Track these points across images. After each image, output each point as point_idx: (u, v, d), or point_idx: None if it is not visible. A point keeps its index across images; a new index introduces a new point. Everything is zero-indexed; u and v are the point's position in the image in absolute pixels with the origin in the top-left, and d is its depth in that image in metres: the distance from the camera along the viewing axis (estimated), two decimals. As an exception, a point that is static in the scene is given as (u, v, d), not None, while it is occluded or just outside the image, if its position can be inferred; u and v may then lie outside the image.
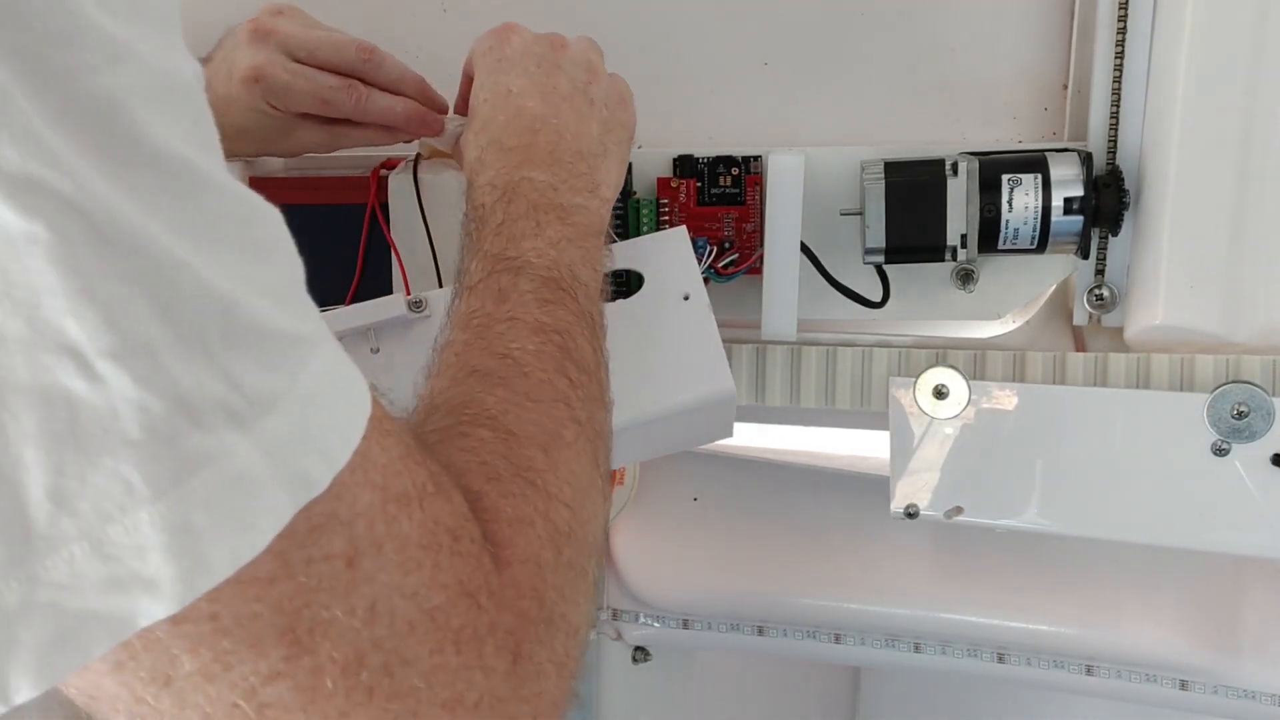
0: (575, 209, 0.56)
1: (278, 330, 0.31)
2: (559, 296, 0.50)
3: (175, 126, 0.29)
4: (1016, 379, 0.75)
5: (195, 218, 0.29)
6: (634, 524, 0.98)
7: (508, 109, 0.58)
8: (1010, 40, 0.76)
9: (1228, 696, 0.86)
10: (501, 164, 0.56)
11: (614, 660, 1.04)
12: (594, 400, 0.48)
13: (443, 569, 0.35)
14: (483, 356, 0.47)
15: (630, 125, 0.64)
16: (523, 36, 0.61)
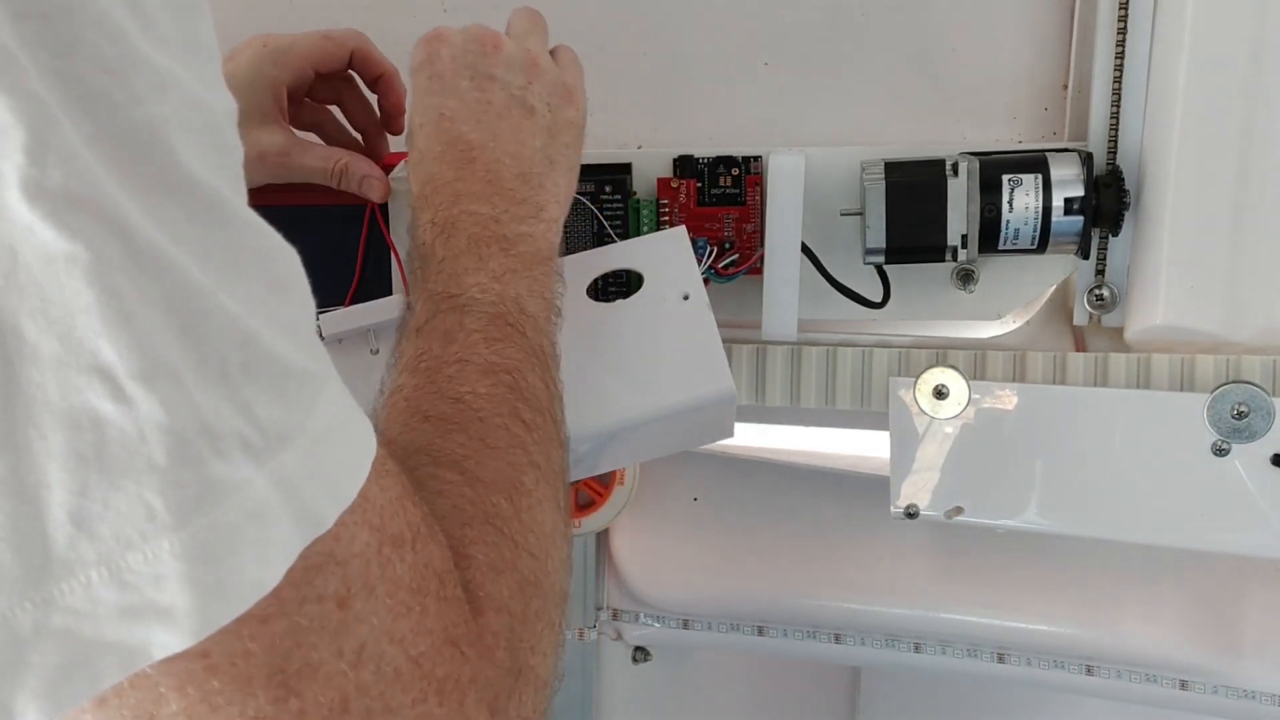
0: (519, 238, 0.54)
1: (292, 366, 0.31)
2: (506, 333, 0.49)
3: (208, 158, 0.30)
4: (1017, 379, 0.75)
5: (222, 249, 0.29)
6: (634, 524, 0.98)
7: (442, 137, 0.56)
8: (1010, 40, 0.76)
9: (1228, 696, 0.86)
10: (440, 199, 0.55)
11: (614, 660, 1.04)
12: (550, 440, 0.47)
13: (430, 614, 0.34)
14: (434, 401, 0.45)
15: (579, 121, 0.61)
16: (452, 45, 0.58)
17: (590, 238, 0.74)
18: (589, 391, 0.59)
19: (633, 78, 0.80)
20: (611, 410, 0.59)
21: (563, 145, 0.59)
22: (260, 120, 0.67)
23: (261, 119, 0.67)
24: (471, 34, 0.58)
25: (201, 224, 0.29)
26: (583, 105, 0.61)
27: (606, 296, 0.63)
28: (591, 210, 0.74)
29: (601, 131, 0.80)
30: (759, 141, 0.78)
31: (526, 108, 0.57)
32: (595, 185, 0.74)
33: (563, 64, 0.62)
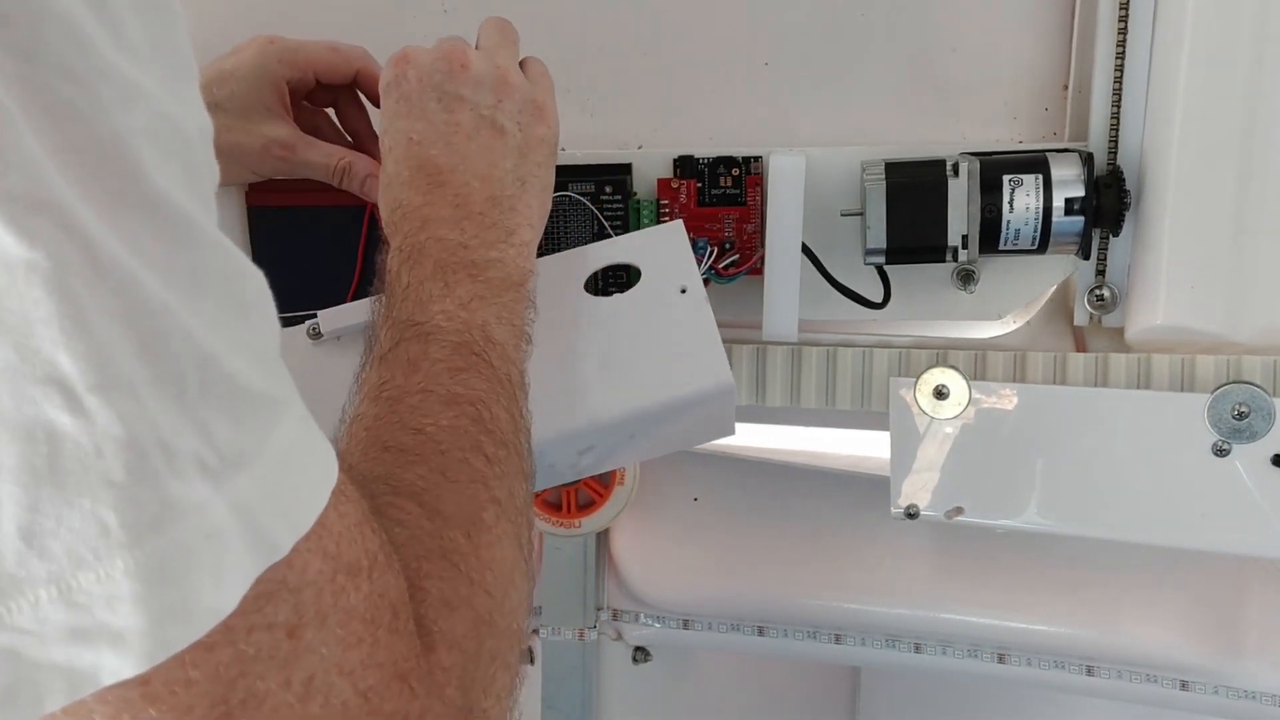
0: (488, 264, 0.53)
1: (251, 389, 0.30)
2: (471, 363, 0.48)
3: (176, 175, 0.29)
4: (1017, 379, 0.75)
5: (186, 267, 0.29)
6: (634, 524, 0.98)
7: (410, 161, 0.55)
8: (1010, 40, 0.76)
9: (1228, 696, 0.86)
10: (408, 225, 0.54)
11: (614, 660, 1.04)
12: (512, 475, 0.46)
13: (381, 647, 0.33)
14: (395, 432, 0.44)
15: (550, 139, 0.59)
16: (419, 65, 0.57)
17: (590, 238, 0.74)
18: (587, 387, 0.59)
19: (633, 78, 0.80)
20: (610, 405, 0.59)
21: (535, 165, 0.58)
22: (264, 114, 0.67)
23: (265, 112, 0.67)
24: (439, 53, 0.58)
25: (165, 240, 0.28)
26: (555, 122, 0.60)
27: (605, 292, 0.63)
28: (591, 210, 0.74)
29: (601, 131, 0.81)
30: (759, 141, 0.78)
31: (497, 128, 0.56)
32: (595, 185, 0.74)
33: (533, 78, 0.60)
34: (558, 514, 0.95)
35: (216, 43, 0.70)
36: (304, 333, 0.62)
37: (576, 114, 0.81)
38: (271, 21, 0.81)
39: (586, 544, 0.98)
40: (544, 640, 1.01)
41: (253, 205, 0.72)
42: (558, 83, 0.80)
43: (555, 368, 0.60)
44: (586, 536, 0.97)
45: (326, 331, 0.61)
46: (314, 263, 0.72)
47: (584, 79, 0.80)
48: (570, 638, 1.01)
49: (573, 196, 0.74)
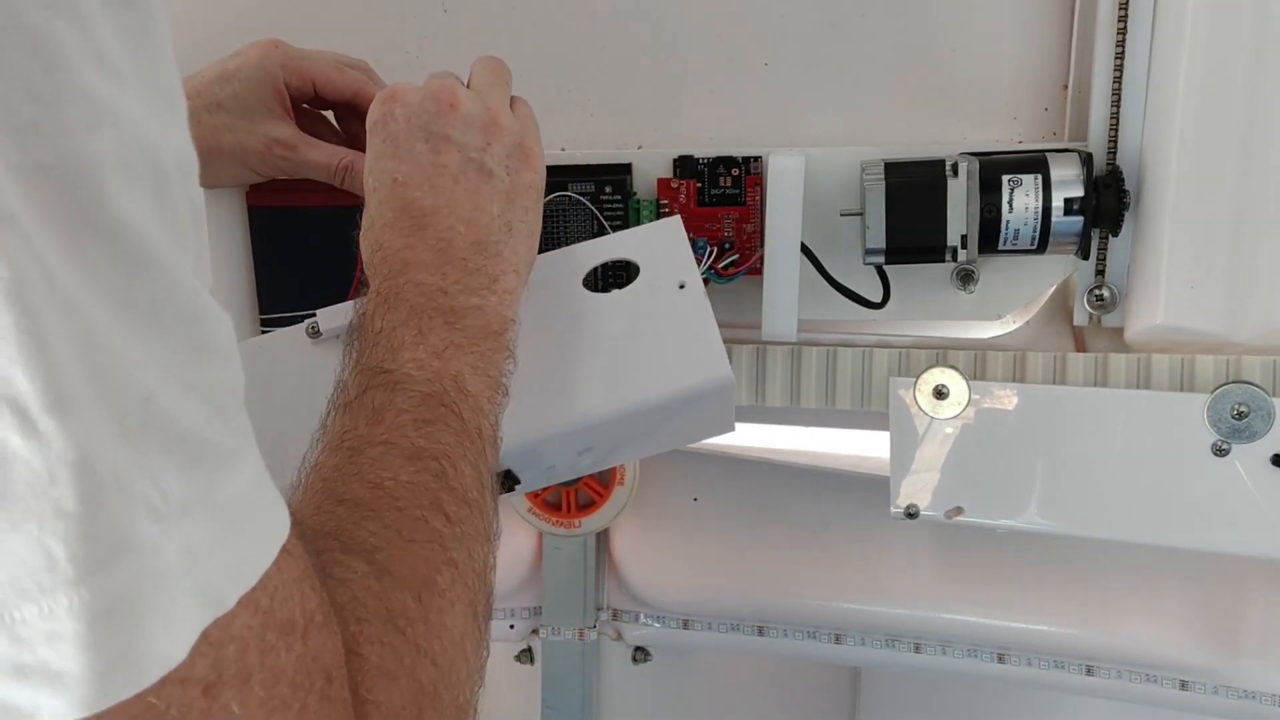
0: (468, 311, 0.51)
1: (195, 435, 0.29)
2: (439, 415, 0.46)
3: (144, 204, 0.28)
4: (1017, 379, 0.75)
5: (143, 300, 0.28)
6: (634, 524, 0.98)
7: (394, 202, 0.54)
8: (1010, 40, 0.76)
9: (1228, 697, 0.86)
10: (387, 268, 0.52)
11: (614, 660, 1.04)
12: (473, 536, 0.44)
13: (309, 714, 0.31)
14: (353, 485, 0.43)
15: (537, 184, 0.58)
16: (407, 105, 0.55)
17: (590, 237, 0.74)
18: (587, 382, 0.59)
19: (633, 78, 0.80)
20: (610, 400, 0.59)
21: (522, 210, 0.56)
22: (266, 114, 0.67)
23: (267, 112, 0.67)
24: (429, 92, 0.56)
25: (124, 270, 0.27)
26: (541, 167, 0.58)
27: (604, 288, 0.63)
28: (592, 210, 0.74)
29: (601, 131, 0.81)
30: (759, 141, 0.78)
31: (484, 171, 0.55)
32: (595, 185, 0.74)
33: (520, 120, 0.59)
34: (558, 514, 0.95)
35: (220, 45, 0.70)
36: (303, 331, 0.62)
37: (576, 114, 0.81)
38: (272, 20, 0.81)
39: (586, 544, 0.98)
40: (544, 640, 1.01)
41: (253, 205, 0.72)
42: (558, 83, 0.81)
43: (554, 364, 0.60)
44: (586, 536, 0.97)
45: (325, 330, 0.61)
46: (314, 263, 0.72)
47: (584, 79, 0.80)
48: (570, 638, 1.01)
49: (573, 196, 0.74)
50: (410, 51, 0.81)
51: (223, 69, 0.67)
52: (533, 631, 1.02)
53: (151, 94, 0.29)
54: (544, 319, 0.61)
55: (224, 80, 0.66)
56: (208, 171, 0.67)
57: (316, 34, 0.82)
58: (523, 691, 1.06)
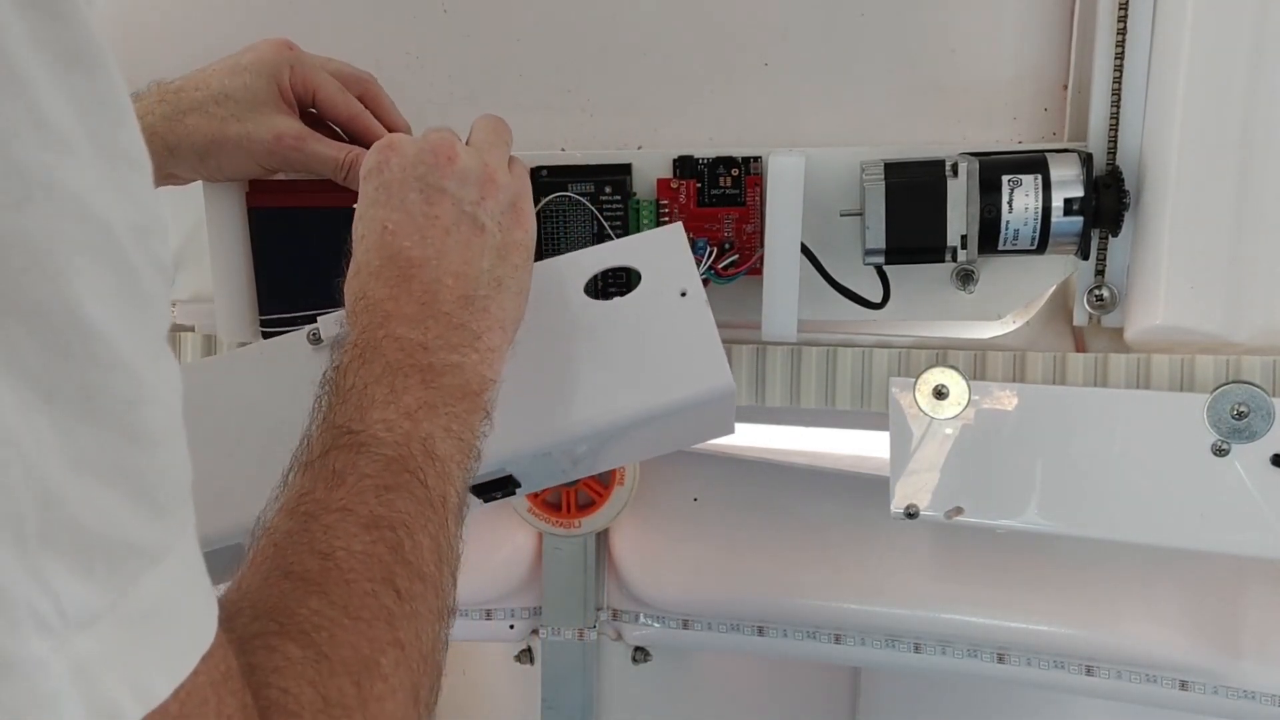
0: (447, 369, 0.50)
1: (110, 537, 0.27)
2: (402, 481, 0.45)
3: (83, 280, 0.26)
4: (1017, 379, 0.75)
5: (70, 383, 0.26)
6: (634, 524, 0.98)
7: (382, 251, 0.52)
8: (1010, 40, 0.76)
9: (1228, 697, 0.86)
10: (368, 319, 0.51)
11: (614, 660, 1.04)
12: (424, 616, 0.42)
13: None
14: (302, 554, 0.41)
15: (528, 243, 0.57)
16: (404, 155, 0.55)
17: (590, 238, 0.74)
18: (588, 390, 0.59)
19: (633, 78, 0.80)
20: (610, 408, 0.59)
21: (512, 267, 0.55)
22: (274, 107, 0.67)
23: (276, 106, 0.67)
24: (427, 144, 0.55)
25: (52, 353, 0.25)
26: (531, 227, 0.58)
27: (605, 295, 0.63)
28: (591, 211, 0.74)
29: (601, 131, 0.81)
30: (759, 141, 0.78)
31: (477, 225, 0.54)
32: (595, 185, 0.74)
33: (516, 180, 0.58)
34: (558, 514, 0.95)
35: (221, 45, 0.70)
36: (304, 338, 0.62)
37: (576, 114, 0.81)
38: (273, 20, 0.81)
39: (586, 544, 0.98)
40: (544, 640, 1.01)
41: (253, 205, 0.72)
42: (558, 83, 0.81)
43: (556, 370, 0.60)
44: (586, 536, 0.97)
45: (326, 337, 0.61)
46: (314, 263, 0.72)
47: (584, 79, 0.80)
48: (570, 638, 1.01)
49: (573, 196, 0.74)
50: (410, 52, 0.81)
51: (234, 62, 0.67)
52: (533, 631, 1.02)
53: (106, 158, 0.28)
54: (545, 326, 0.61)
55: (234, 73, 0.66)
56: (213, 164, 0.67)
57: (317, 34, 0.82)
58: (523, 691, 1.07)
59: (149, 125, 0.65)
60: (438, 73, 0.82)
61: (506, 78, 0.81)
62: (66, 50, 0.27)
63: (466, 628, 1.02)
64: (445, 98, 0.82)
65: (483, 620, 1.02)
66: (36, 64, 0.26)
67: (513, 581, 1.00)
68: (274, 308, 0.73)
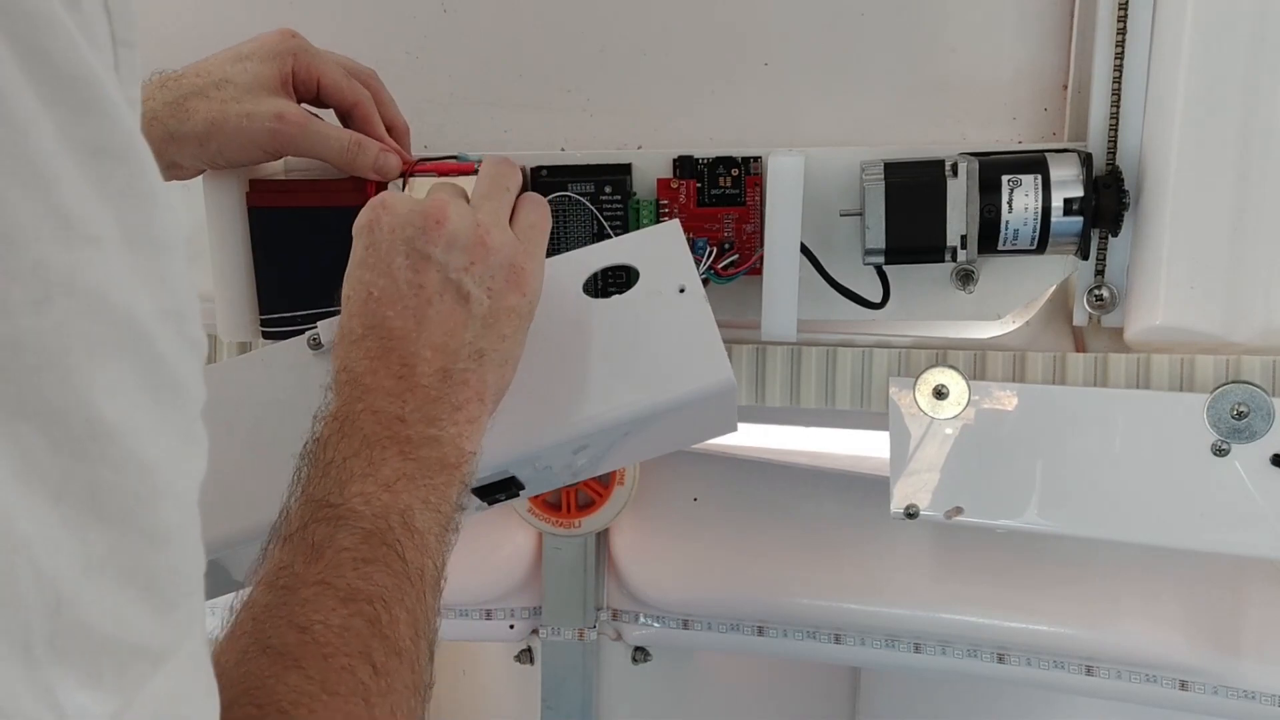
0: (425, 441, 0.49)
1: (119, 640, 0.27)
2: (380, 554, 0.45)
3: (104, 374, 0.27)
4: (1016, 379, 0.75)
5: (80, 484, 0.26)
6: (634, 524, 0.98)
7: (367, 319, 0.52)
8: (1010, 40, 0.76)
9: (1228, 697, 0.86)
10: (349, 391, 0.50)
11: (614, 660, 1.04)
12: (400, 691, 0.42)
13: None
14: (280, 629, 0.41)
15: (523, 308, 0.55)
16: (395, 215, 0.54)
17: (590, 238, 0.74)
18: (588, 389, 0.59)
19: (633, 78, 0.80)
20: (612, 406, 0.59)
21: (498, 336, 0.54)
22: (277, 90, 0.67)
23: (278, 89, 0.67)
24: (419, 206, 0.54)
25: (62, 453, 0.25)
26: (533, 288, 0.55)
27: (604, 293, 0.63)
28: (591, 210, 0.74)
29: (601, 131, 0.81)
30: (759, 141, 0.78)
31: (462, 294, 0.53)
32: (595, 185, 0.74)
33: (521, 232, 0.56)
34: (558, 514, 0.95)
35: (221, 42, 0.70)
36: (304, 343, 0.62)
37: (577, 114, 0.81)
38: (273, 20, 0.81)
39: (586, 544, 0.98)
40: (544, 640, 1.01)
41: (253, 205, 0.72)
42: (558, 83, 0.81)
43: (555, 369, 0.60)
44: (586, 536, 0.97)
45: (327, 342, 0.61)
46: (314, 262, 0.72)
47: (584, 79, 0.80)
48: (570, 638, 1.01)
49: (573, 196, 0.74)
50: (410, 51, 0.81)
51: (236, 51, 0.67)
52: (533, 631, 1.02)
53: (136, 247, 0.28)
54: (544, 324, 0.61)
55: (236, 59, 0.66)
56: (214, 147, 0.67)
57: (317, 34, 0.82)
58: (523, 691, 1.07)
59: (150, 110, 0.64)
60: (438, 73, 0.82)
61: (506, 78, 0.81)
62: (96, 142, 0.27)
63: (466, 628, 1.02)
64: (445, 98, 0.82)
65: (483, 620, 1.02)
66: (64, 159, 0.26)
67: (513, 581, 1.00)
68: (274, 307, 0.73)
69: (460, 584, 1.07)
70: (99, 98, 0.27)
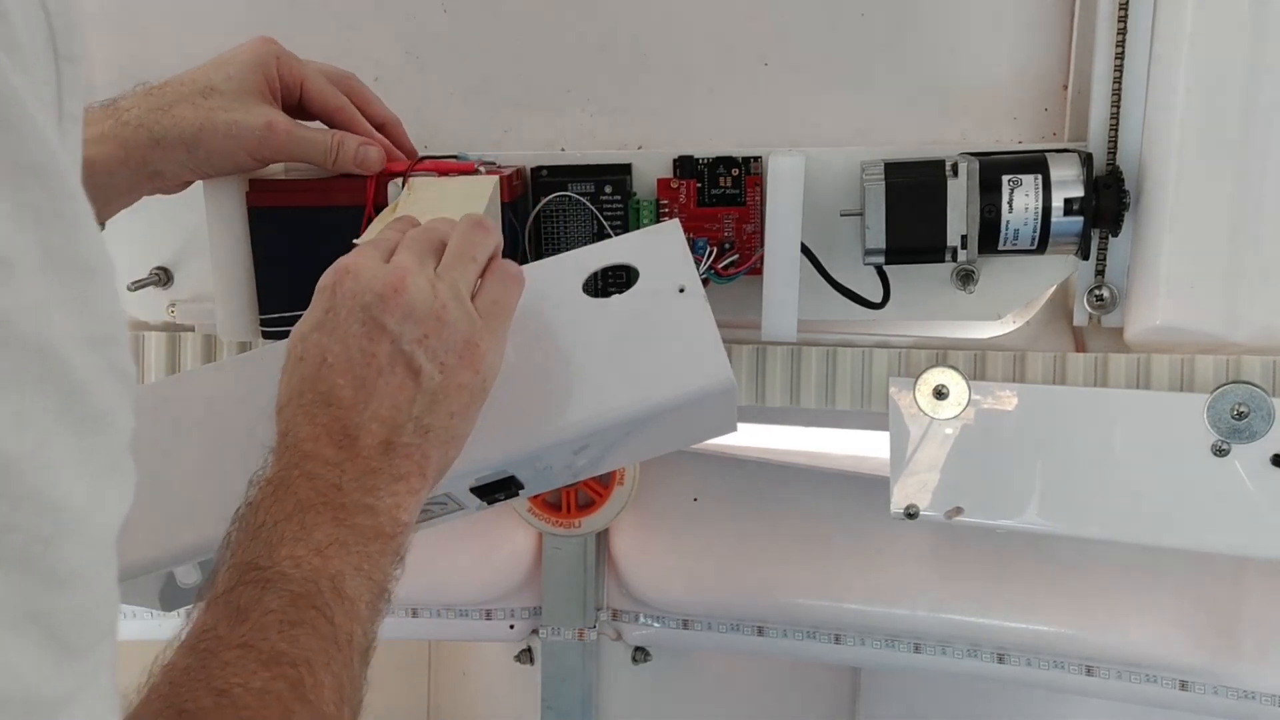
0: (360, 510, 0.49)
1: (17, 693, 0.26)
2: (308, 617, 0.44)
3: (7, 409, 0.26)
4: (1017, 379, 0.75)
5: None
6: (634, 524, 0.98)
7: (317, 384, 0.51)
8: (1010, 40, 0.76)
9: (1228, 697, 0.86)
10: (289, 455, 0.50)
11: (614, 660, 1.04)
12: None
13: None
14: (198, 692, 0.40)
15: (475, 385, 0.53)
16: (357, 279, 0.52)
17: (590, 238, 0.74)
18: (588, 388, 0.59)
19: (633, 78, 0.80)
20: (611, 406, 0.59)
21: (446, 414, 0.52)
22: (261, 97, 0.67)
23: (261, 96, 0.67)
24: (381, 273, 0.53)
25: None
26: (488, 366, 0.54)
27: (604, 293, 0.63)
28: (591, 210, 0.74)
29: (601, 131, 0.81)
30: (759, 142, 0.78)
31: (413, 368, 0.51)
32: (595, 185, 0.74)
33: (483, 307, 0.55)
34: (558, 514, 0.95)
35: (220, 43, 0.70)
36: None
37: (576, 114, 0.81)
38: (273, 20, 0.81)
39: (586, 544, 0.98)
40: (544, 640, 1.01)
41: (253, 205, 0.72)
42: (558, 83, 0.81)
43: (555, 369, 0.60)
44: (586, 536, 0.97)
45: None
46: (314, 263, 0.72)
47: (584, 79, 0.80)
48: (570, 638, 1.01)
49: (573, 196, 0.74)
50: (410, 51, 0.81)
51: (220, 59, 0.68)
52: (533, 631, 1.02)
53: (58, 271, 0.28)
54: (544, 324, 0.61)
55: (219, 67, 0.67)
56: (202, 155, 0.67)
57: (317, 34, 0.82)
58: (523, 691, 1.07)
59: (135, 118, 0.65)
60: (438, 73, 0.82)
61: (506, 78, 0.81)
62: (16, 162, 0.26)
63: (466, 628, 1.02)
64: (445, 97, 0.82)
65: (483, 620, 1.02)
66: None
67: (513, 581, 1.00)
68: (274, 307, 0.73)
69: (460, 584, 1.07)
70: (16, 116, 0.26)
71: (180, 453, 0.59)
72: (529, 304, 0.60)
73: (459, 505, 0.61)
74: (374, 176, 0.70)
